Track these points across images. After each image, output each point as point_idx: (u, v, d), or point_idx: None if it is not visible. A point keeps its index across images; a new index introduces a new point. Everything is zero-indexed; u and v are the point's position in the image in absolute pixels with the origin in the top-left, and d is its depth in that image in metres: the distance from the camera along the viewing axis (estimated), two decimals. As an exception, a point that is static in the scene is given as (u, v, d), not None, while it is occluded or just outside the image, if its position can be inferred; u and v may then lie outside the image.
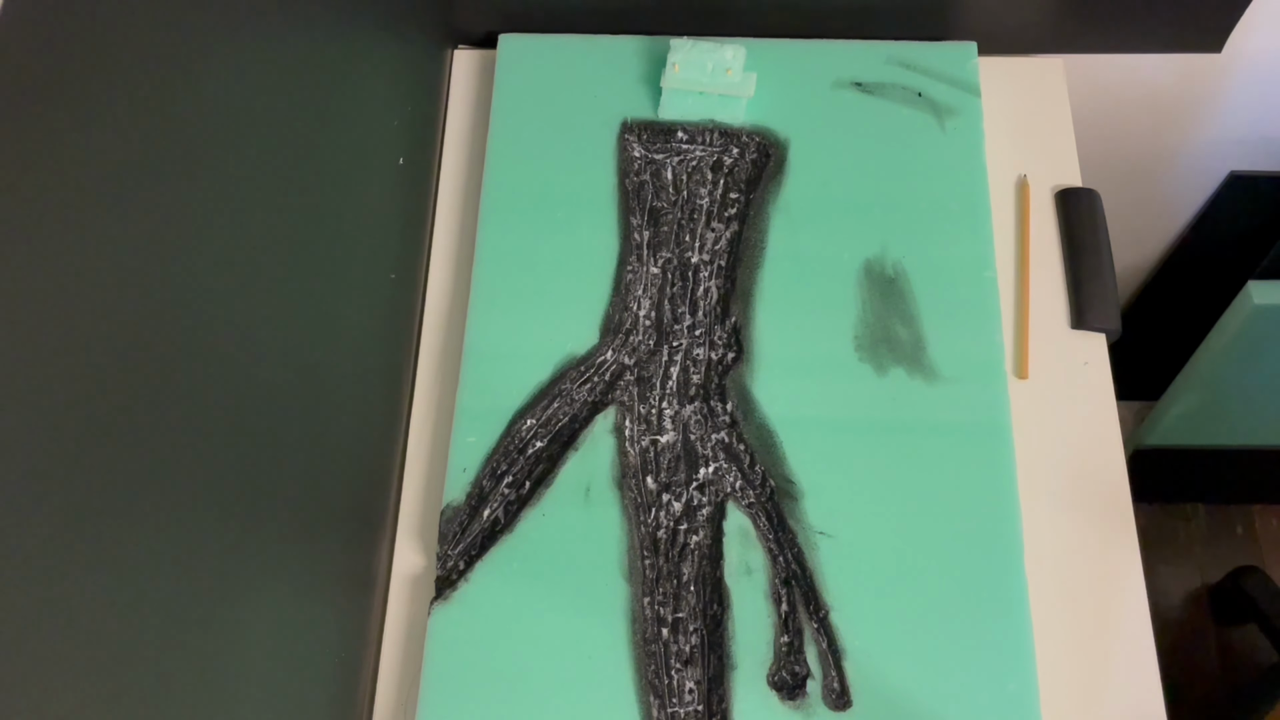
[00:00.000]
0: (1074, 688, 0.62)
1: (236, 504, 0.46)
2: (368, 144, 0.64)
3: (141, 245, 0.38)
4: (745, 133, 0.76)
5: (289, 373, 0.52)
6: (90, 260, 0.35)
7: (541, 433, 0.67)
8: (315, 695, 0.57)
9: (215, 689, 0.45)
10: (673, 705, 0.60)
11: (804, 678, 0.61)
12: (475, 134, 0.79)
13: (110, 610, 0.36)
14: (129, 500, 0.37)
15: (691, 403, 0.68)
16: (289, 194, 0.52)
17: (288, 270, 0.51)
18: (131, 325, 0.37)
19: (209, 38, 0.43)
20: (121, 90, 0.37)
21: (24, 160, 0.32)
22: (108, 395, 0.36)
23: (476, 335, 0.70)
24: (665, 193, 0.74)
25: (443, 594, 0.63)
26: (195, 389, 0.42)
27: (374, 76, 0.65)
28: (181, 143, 0.41)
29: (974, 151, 0.75)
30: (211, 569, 0.44)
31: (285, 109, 0.51)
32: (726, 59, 0.73)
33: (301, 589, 0.55)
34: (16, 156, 0.32)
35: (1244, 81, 0.88)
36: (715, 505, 0.65)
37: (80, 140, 0.35)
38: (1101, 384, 0.70)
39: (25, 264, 0.32)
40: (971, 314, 0.70)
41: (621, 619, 0.62)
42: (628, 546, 0.64)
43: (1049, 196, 0.75)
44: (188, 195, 0.41)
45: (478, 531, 0.65)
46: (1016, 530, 0.64)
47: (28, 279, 0.32)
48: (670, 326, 0.70)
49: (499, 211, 0.73)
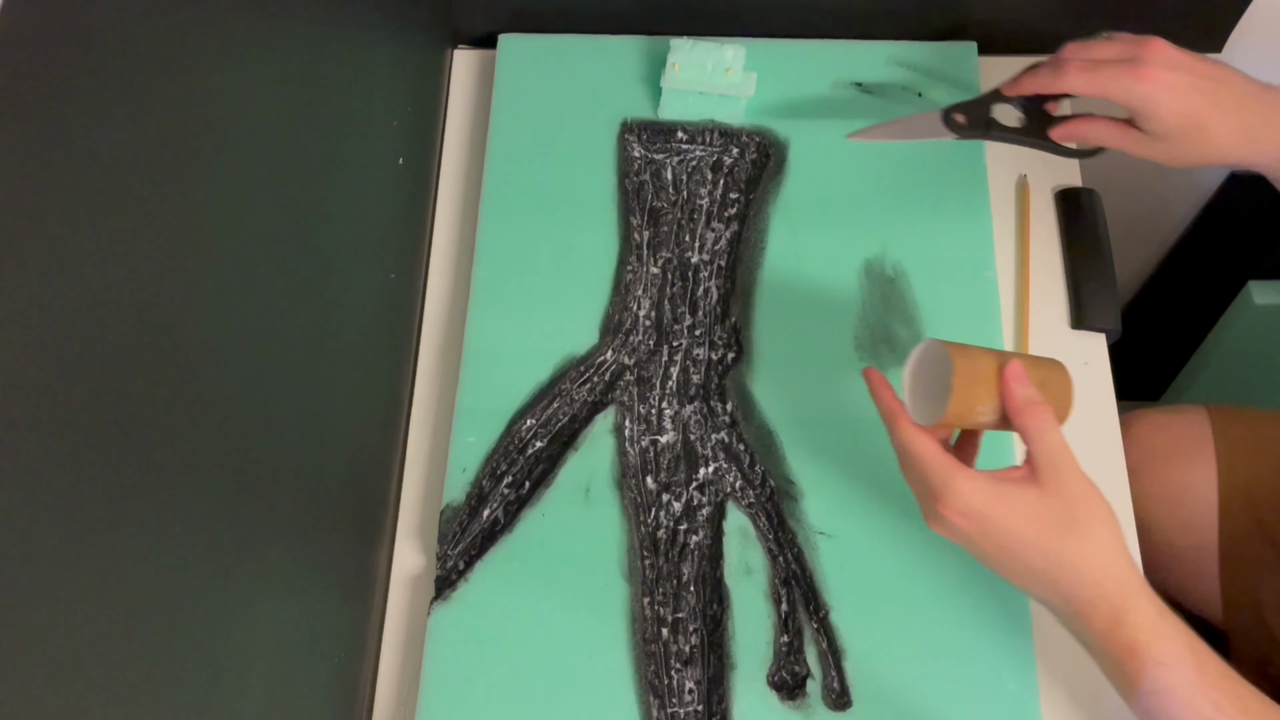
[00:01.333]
0: (1074, 688, 0.62)
1: (236, 504, 0.46)
2: (368, 144, 0.64)
3: (141, 245, 0.38)
4: (745, 133, 0.76)
5: (289, 372, 0.52)
6: (90, 260, 0.35)
7: (541, 433, 0.67)
8: (315, 695, 0.57)
9: (216, 688, 0.45)
10: (672, 705, 0.60)
11: (804, 678, 0.61)
12: (475, 134, 0.79)
13: (110, 610, 0.36)
14: (129, 500, 0.37)
15: (691, 403, 0.68)
16: (289, 194, 0.52)
17: (288, 270, 0.51)
18: (131, 325, 0.38)
19: (209, 38, 0.43)
20: (121, 90, 0.37)
21: (24, 160, 0.32)
22: (107, 395, 0.36)
23: (476, 335, 0.70)
24: (665, 193, 0.74)
25: (442, 594, 0.63)
26: (195, 389, 0.42)
27: (374, 76, 0.65)
28: (181, 143, 0.41)
29: (974, 151, 0.75)
30: (211, 569, 0.44)
31: (285, 109, 0.51)
32: (726, 59, 0.73)
33: (301, 589, 0.55)
34: (17, 156, 0.32)
35: (1244, 81, 0.87)
36: (715, 505, 0.65)
37: (80, 140, 0.35)
38: (1101, 384, 0.70)
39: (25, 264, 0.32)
40: (971, 314, 0.70)
41: (621, 619, 0.62)
42: (627, 546, 0.64)
43: (1049, 196, 0.75)
44: (187, 195, 0.41)
45: (477, 531, 0.65)
46: (1016, 530, 0.64)
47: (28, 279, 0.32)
48: (670, 326, 0.70)
49: (499, 211, 0.73)
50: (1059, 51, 0.64)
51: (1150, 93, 0.59)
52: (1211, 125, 0.59)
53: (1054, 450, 0.51)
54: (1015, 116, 0.68)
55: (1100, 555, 0.51)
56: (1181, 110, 0.59)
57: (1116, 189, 0.77)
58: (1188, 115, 0.59)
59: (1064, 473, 0.51)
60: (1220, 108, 0.59)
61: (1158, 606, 0.51)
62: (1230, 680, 0.50)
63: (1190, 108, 0.59)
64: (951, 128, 0.67)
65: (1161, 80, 0.59)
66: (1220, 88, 0.59)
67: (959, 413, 0.53)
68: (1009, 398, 0.53)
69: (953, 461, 0.52)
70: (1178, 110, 0.59)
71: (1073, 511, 0.51)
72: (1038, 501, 0.51)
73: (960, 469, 0.52)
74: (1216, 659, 0.51)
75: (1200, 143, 0.59)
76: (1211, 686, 0.50)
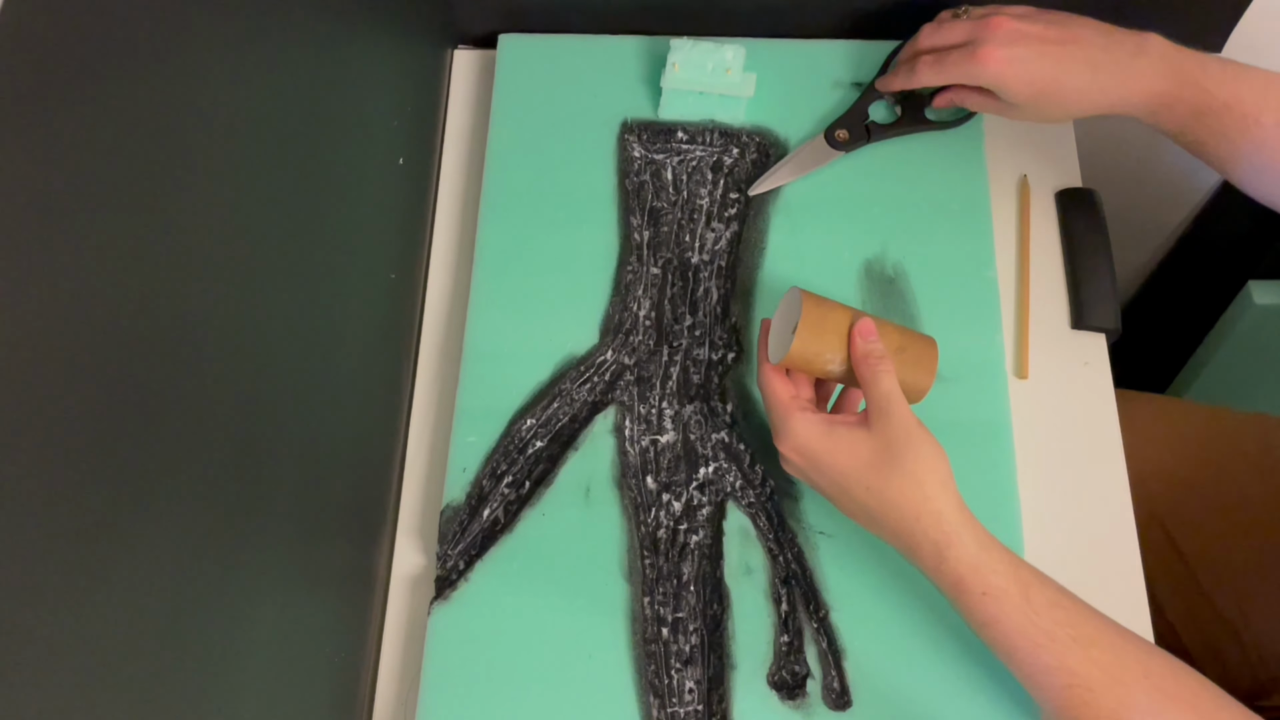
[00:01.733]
0: (1074, 687, 0.62)
1: (237, 504, 0.46)
2: (368, 144, 0.64)
3: (140, 245, 0.38)
4: (745, 133, 0.76)
5: (289, 372, 0.52)
6: (89, 260, 0.35)
7: (541, 432, 0.67)
8: (315, 695, 0.57)
9: (216, 688, 0.45)
10: (672, 705, 0.60)
11: (804, 677, 0.61)
12: (475, 134, 0.79)
13: (110, 610, 0.36)
14: (129, 500, 0.37)
15: (692, 402, 0.68)
16: (289, 194, 0.52)
17: (288, 270, 0.51)
18: (131, 325, 0.38)
19: (208, 38, 0.43)
20: (121, 90, 0.37)
21: (24, 160, 0.32)
22: (107, 396, 0.36)
23: (476, 335, 0.70)
24: (665, 193, 0.74)
25: (442, 594, 0.63)
26: (195, 389, 0.42)
27: (374, 76, 0.65)
28: (181, 143, 0.41)
29: (974, 151, 0.75)
30: (212, 569, 0.44)
31: (285, 109, 0.51)
32: (726, 59, 0.73)
33: (301, 589, 0.55)
34: (16, 156, 0.32)
35: (1244, 81, 0.87)
36: (715, 505, 0.65)
37: (80, 140, 0.35)
38: (1101, 384, 0.70)
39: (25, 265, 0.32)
40: (971, 314, 0.70)
41: (621, 619, 0.62)
42: (628, 546, 0.64)
43: (1049, 196, 0.75)
44: (187, 196, 0.41)
45: (477, 531, 0.65)
46: (1016, 530, 0.64)
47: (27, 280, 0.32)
48: (670, 326, 0.70)
49: (499, 211, 0.73)
50: (915, 37, 0.69)
51: (993, 72, 0.63)
52: (1064, 86, 0.62)
53: (885, 396, 0.55)
54: (892, 111, 0.75)
55: (919, 490, 0.53)
56: (1029, 80, 0.62)
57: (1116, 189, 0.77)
58: (1035, 84, 0.62)
59: (892, 416, 0.54)
60: (1069, 68, 0.62)
61: (980, 541, 0.53)
62: (1060, 608, 0.52)
63: (1036, 76, 0.62)
64: (836, 146, 0.73)
65: (1001, 57, 0.62)
66: (1066, 49, 0.62)
67: (805, 357, 0.57)
68: (852, 349, 0.57)
69: (795, 404, 0.56)
70: (1025, 81, 0.62)
71: (895, 450, 0.53)
72: (863, 441, 0.54)
73: (799, 410, 0.56)
74: (1047, 588, 0.53)
75: (1058, 103, 0.63)
76: (1040, 614, 0.52)
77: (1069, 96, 0.63)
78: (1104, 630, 0.52)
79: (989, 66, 0.63)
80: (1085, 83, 0.62)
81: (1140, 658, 0.52)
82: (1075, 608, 0.53)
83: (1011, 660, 0.53)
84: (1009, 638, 0.52)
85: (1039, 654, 0.51)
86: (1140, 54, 0.61)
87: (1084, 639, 0.51)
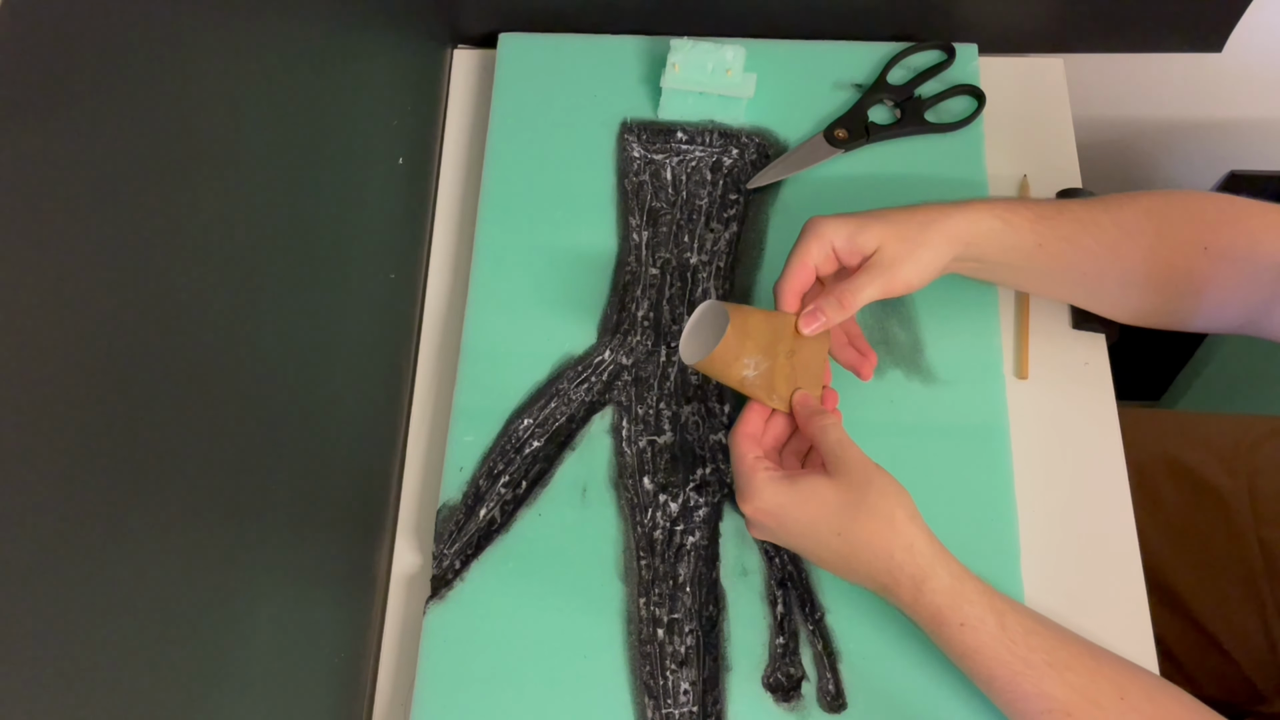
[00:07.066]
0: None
1: (236, 504, 0.46)
2: (367, 144, 0.64)
3: (140, 245, 0.38)
4: (745, 133, 0.76)
5: (289, 372, 0.52)
6: (89, 260, 0.35)
7: (538, 432, 0.67)
8: (315, 694, 0.57)
9: (216, 688, 0.45)
10: (668, 706, 0.60)
11: (799, 679, 0.61)
12: (475, 134, 0.79)
13: (110, 610, 0.37)
14: (129, 500, 0.38)
15: (689, 403, 0.68)
16: (288, 194, 0.52)
17: (287, 270, 0.52)
18: (131, 325, 0.38)
19: (208, 37, 0.43)
20: (121, 90, 0.37)
21: (23, 160, 0.32)
22: (107, 396, 0.36)
23: (474, 335, 0.70)
24: (664, 193, 0.74)
25: (438, 593, 0.63)
26: (194, 388, 0.42)
27: (374, 76, 0.65)
28: (181, 143, 0.41)
29: (974, 152, 0.75)
30: (212, 569, 0.44)
31: (285, 109, 0.51)
32: (726, 59, 0.73)
33: (302, 588, 0.55)
34: (16, 156, 0.32)
35: (1244, 81, 0.87)
36: (712, 506, 0.65)
37: (80, 140, 0.35)
38: (1101, 384, 0.70)
39: (24, 265, 0.32)
40: (971, 315, 0.70)
41: (617, 619, 0.63)
42: (624, 547, 0.64)
43: (1049, 197, 0.75)
44: (187, 195, 0.41)
45: (474, 531, 0.65)
46: (1014, 532, 0.64)
47: (27, 280, 0.32)
48: (669, 327, 0.70)
49: (498, 211, 0.73)
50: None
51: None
52: (902, 276, 0.59)
53: (837, 445, 0.55)
54: (892, 113, 0.75)
55: (890, 527, 0.54)
56: (880, 294, 0.59)
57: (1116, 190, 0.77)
58: (885, 292, 0.59)
59: (850, 461, 0.55)
60: (901, 255, 0.59)
61: (954, 573, 0.54)
62: (1035, 635, 0.53)
63: (876, 296, 0.59)
64: (835, 144, 0.74)
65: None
66: (889, 243, 0.59)
67: (725, 360, 0.56)
68: (796, 415, 0.58)
69: (759, 464, 0.56)
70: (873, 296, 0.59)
71: (859, 491, 0.54)
72: (828, 488, 0.54)
73: (762, 470, 0.56)
74: (1021, 615, 0.54)
75: (906, 283, 0.59)
76: (1016, 643, 0.53)
77: (911, 278, 0.59)
78: (1079, 654, 0.53)
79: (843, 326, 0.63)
80: (913, 267, 0.59)
81: (1116, 680, 0.53)
82: (1050, 633, 0.54)
83: (991, 689, 0.54)
84: (988, 667, 0.53)
85: (1017, 681, 0.52)
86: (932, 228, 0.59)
87: (1059, 664, 0.52)
